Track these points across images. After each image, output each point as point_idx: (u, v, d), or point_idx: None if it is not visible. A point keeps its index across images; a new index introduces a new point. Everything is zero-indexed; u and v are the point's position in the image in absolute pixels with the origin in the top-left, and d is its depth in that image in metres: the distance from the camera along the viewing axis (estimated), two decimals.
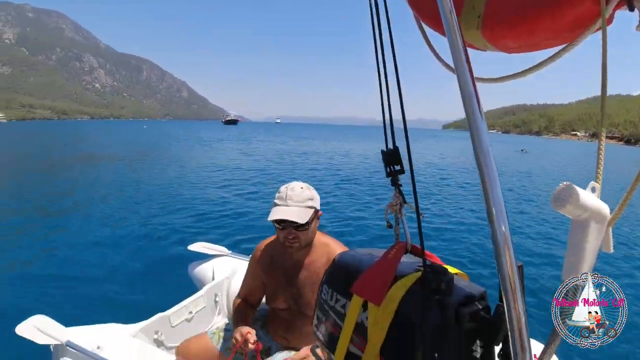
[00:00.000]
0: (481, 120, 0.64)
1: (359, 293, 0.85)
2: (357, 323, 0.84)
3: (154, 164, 20.48)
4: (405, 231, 0.92)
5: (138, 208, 9.91)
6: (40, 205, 10.06)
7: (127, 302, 4.72)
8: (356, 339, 0.83)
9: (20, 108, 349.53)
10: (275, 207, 1.96)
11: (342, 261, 1.01)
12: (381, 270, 0.85)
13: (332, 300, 0.94)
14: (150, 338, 2.71)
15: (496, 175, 0.63)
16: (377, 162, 24.05)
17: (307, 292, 2.09)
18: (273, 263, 2.19)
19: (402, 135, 0.85)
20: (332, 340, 0.91)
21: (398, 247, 0.90)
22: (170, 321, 2.85)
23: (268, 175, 16.49)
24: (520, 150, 45.53)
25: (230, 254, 3.77)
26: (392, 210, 0.95)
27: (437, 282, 0.76)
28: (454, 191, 14.24)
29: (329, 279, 1.00)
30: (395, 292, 0.78)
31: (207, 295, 3.22)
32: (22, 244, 6.93)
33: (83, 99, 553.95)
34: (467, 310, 0.74)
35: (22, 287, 5.12)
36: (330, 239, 2.17)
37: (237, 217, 9.24)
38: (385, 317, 0.77)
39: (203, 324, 3.16)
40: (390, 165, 0.93)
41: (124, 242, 7.08)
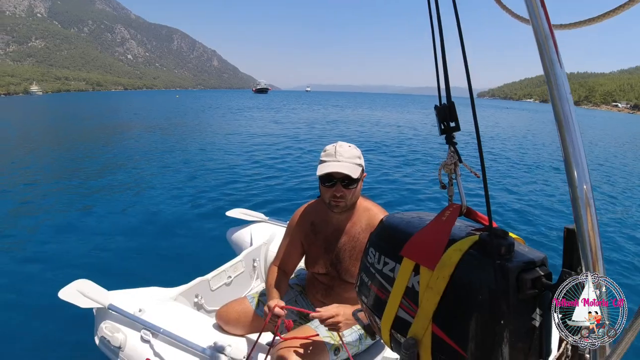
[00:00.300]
0: (560, 68, 0.59)
1: (411, 256, 0.82)
2: (407, 287, 0.81)
3: (188, 132, 20.72)
4: (460, 192, 0.86)
5: (176, 175, 10.08)
6: (81, 173, 10.29)
7: (167, 267, 4.80)
8: (406, 303, 0.81)
9: (55, 80, 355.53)
10: (324, 163, 1.91)
11: (389, 224, 0.97)
12: (434, 233, 0.82)
13: (379, 264, 0.91)
14: (191, 301, 2.75)
15: (576, 125, 0.58)
16: (409, 131, 23.81)
17: (346, 257, 2.05)
18: (313, 228, 2.15)
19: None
20: (379, 304, 0.89)
21: (452, 209, 0.85)
22: (210, 285, 2.89)
23: (299, 143, 16.47)
24: None
25: (267, 220, 3.79)
26: (447, 170, 0.88)
27: (497, 246, 0.73)
28: (505, 160, 13.97)
29: (375, 241, 0.97)
30: (450, 255, 0.75)
31: (246, 260, 3.26)
32: (64, 210, 7.14)
33: (116, 70, 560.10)
34: (529, 276, 0.70)
35: (64, 252, 5.26)
36: (372, 204, 2.11)
37: (271, 184, 9.28)
38: (440, 282, 0.74)
39: (241, 288, 3.22)
40: (444, 122, 0.87)
41: (162, 209, 7.21)
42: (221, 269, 3.03)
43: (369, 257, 0.97)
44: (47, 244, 5.52)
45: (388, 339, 0.88)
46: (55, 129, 24.15)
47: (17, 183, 9.32)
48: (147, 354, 2.14)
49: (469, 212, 0.88)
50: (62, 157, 12.88)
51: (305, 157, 13.05)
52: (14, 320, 3.71)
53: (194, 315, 2.40)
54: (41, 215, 6.85)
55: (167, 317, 2.29)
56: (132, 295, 2.51)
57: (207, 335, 2.16)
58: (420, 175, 10.72)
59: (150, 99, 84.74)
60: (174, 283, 2.78)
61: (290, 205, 7.41)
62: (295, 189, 8.82)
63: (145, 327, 2.19)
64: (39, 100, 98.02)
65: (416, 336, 0.77)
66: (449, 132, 0.87)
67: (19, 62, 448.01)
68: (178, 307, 2.47)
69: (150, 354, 2.13)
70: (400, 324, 0.83)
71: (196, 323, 2.30)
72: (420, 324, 0.76)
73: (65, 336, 3.42)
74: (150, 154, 13.42)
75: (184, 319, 2.31)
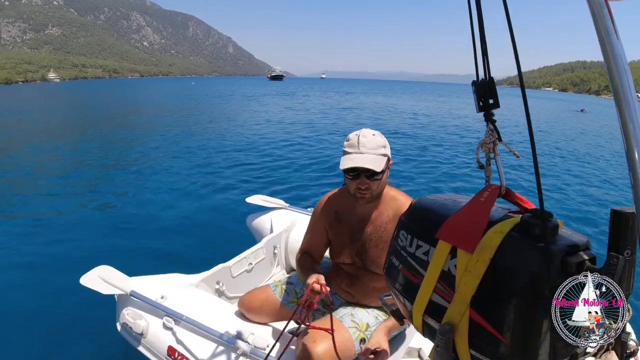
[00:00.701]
0: (616, 38, 0.56)
1: (447, 239, 0.79)
2: (443, 271, 0.78)
3: (205, 118, 20.92)
4: (499, 172, 0.82)
5: (194, 161, 10.22)
6: (100, 160, 10.40)
7: (187, 253, 4.84)
8: (441, 287, 0.78)
9: (72, 67, 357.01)
10: (347, 155, 1.84)
11: (422, 206, 0.94)
12: (472, 215, 0.78)
13: (411, 247, 0.88)
14: (212, 288, 2.75)
15: (636, 101, 0.55)
16: (423, 118, 23.63)
17: (372, 247, 2.00)
18: (338, 217, 2.10)
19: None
20: (411, 289, 0.86)
21: (491, 190, 0.81)
22: (231, 272, 2.89)
23: (316, 130, 16.49)
24: (579, 110, 42.95)
25: (288, 206, 3.77)
26: (485, 149, 0.84)
27: (541, 228, 0.70)
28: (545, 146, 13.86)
29: (407, 224, 0.94)
30: (491, 238, 0.72)
31: (267, 247, 3.25)
32: (84, 196, 7.22)
33: (132, 57, 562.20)
34: (574, 259, 0.67)
35: (85, 238, 5.30)
36: (399, 193, 2.05)
37: (288, 171, 9.31)
38: (480, 265, 0.71)
39: (261, 275, 3.22)
40: (482, 99, 0.84)
41: (180, 195, 7.28)
42: (242, 256, 3.02)
43: (399, 240, 0.94)
44: (67, 230, 5.58)
45: (420, 324, 0.85)
46: (75, 115, 24.62)
47: (39, 169, 9.50)
48: (169, 341, 2.15)
49: (507, 194, 0.83)
50: (82, 143, 13.02)
51: (324, 144, 13.08)
52: (35, 306, 3.75)
53: (216, 303, 2.40)
54: (60, 201, 6.93)
55: (190, 304, 2.29)
56: (153, 282, 2.52)
57: (229, 322, 2.16)
58: (442, 162, 10.67)
59: (166, 86, 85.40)
60: (194, 269, 2.78)
61: (309, 193, 7.48)
62: (314, 177, 8.84)
63: (167, 314, 2.19)
64: (57, 87, 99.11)
65: (452, 321, 0.75)
66: (488, 109, 0.84)
67: (36, 49, 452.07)
68: (200, 294, 2.46)
69: (172, 341, 2.14)
70: (434, 308, 0.80)
71: (218, 310, 2.30)
72: (457, 309, 0.74)
73: (86, 322, 3.44)
74: (169, 140, 13.54)
75: (207, 306, 2.31)
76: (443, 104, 38.97)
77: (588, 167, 11.14)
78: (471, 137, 15.64)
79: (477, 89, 0.84)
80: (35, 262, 4.64)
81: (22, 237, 5.36)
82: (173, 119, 20.52)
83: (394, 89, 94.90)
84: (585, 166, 11.15)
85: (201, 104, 32.58)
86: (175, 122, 18.98)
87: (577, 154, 13.01)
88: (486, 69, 0.83)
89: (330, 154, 11.44)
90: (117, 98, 42.40)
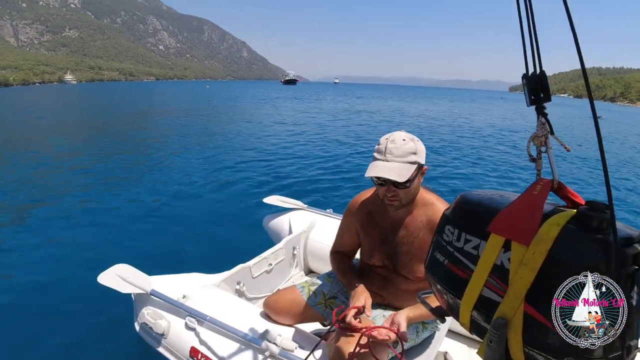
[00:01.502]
0: None
1: (501, 232, 0.78)
2: (495, 265, 0.77)
3: (221, 121, 21.14)
4: (551, 166, 0.81)
5: (211, 162, 10.25)
6: (117, 160, 10.45)
7: (204, 253, 4.84)
8: (493, 282, 0.78)
9: (89, 70, 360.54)
10: (374, 162, 1.75)
11: (469, 200, 0.93)
12: (526, 208, 0.78)
13: (459, 242, 0.88)
14: (232, 288, 2.72)
15: None
16: (433, 122, 23.53)
17: (404, 252, 1.93)
18: (370, 219, 2.03)
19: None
20: (458, 284, 0.85)
21: (543, 183, 0.81)
22: (251, 272, 2.86)
23: (331, 133, 16.48)
24: (597, 117, 42.44)
25: (306, 207, 3.73)
26: (537, 142, 0.84)
27: (598, 220, 0.69)
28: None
29: (453, 219, 0.93)
30: (547, 230, 0.71)
31: (286, 248, 3.23)
32: (101, 194, 7.27)
33: (148, 61, 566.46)
34: (631, 251, 0.67)
35: (102, 236, 5.32)
36: (435, 198, 1.95)
37: (304, 172, 9.33)
38: (536, 258, 0.70)
39: (281, 276, 3.20)
40: (534, 92, 0.83)
41: (196, 194, 7.33)
42: (262, 256, 3.00)
43: (445, 235, 0.93)
44: (84, 228, 5.62)
45: (468, 320, 0.85)
46: (95, 115, 25.07)
47: (57, 168, 9.60)
48: (192, 342, 2.11)
49: (559, 188, 0.82)
50: (100, 142, 13.23)
51: (343, 147, 13.10)
52: (51, 304, 3.75)
53: (239, 303, 2.35)
54: (77, 199, 6.98)
55: (212, 304, 2.24)
56: (173, 281, 2.48)
57: (255, 324, 2.10)
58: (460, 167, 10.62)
59: (182, 89, 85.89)
60: (212, 269, 2.75)
61: (327, 195, 7.49)
62: (330, 179, 8.83)
63: (190, 314, 2.15)
64: (74, 89, 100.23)
65: (505, 316, 0.74)
66: (540, 103, 0.83)
67: (53, 51, 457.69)
68: (222, 294, 2.41)
69: (195, 341, 2.10)
70: (484, 303, 0.79)
71: (242, 311, 2.25)
72: (511, 303, 0.73)
73: (103, 322, 3.41)
74: (185, 141, 13.66)
75: (230, 307, 2.25)
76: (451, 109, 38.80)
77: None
78: (480, 139, 15.56)
79: (528, 82, 0.84)
80: (51, 259, 4.66)
81: (39, 235, 5.39)
82: (190, 120, 20.82)
83: (407, 93, 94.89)
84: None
85: (217, 106, 32.97)
86: (193, 124, 19.21)
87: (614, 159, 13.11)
88: (537, 62, 0.82)
89: (347, 156, 11.51)
90: (135, 100, 43.01)
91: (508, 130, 21.32)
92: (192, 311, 2.15)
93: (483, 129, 21.05)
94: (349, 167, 10.04)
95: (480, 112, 36.18)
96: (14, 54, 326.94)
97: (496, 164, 11.33)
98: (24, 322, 3.48)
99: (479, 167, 10.81)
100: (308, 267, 3.47)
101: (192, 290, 2.35)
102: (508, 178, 9.73)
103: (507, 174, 10.17)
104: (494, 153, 13.28)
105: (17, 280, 4.22)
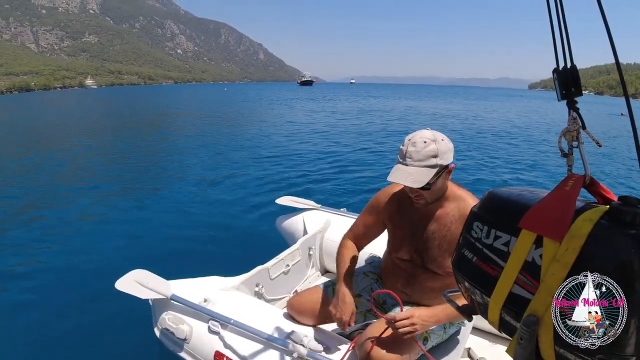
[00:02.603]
0: None
1: (532, 228, 0.76)
2: (526, 261, 0.76)
3: (234, 123, 21.35)
4: (583, 161, 0.80)
5: (222, 164, 10.28)
6: (132, 164, 10.50)
7: (219, 255, 4.81)
8: (523, 278, 0.76)
9: (109, 74, 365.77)
10: (395, 166, 1.73)
11: (499, 196, 0.91)
12: (558, 204, 0.76)
13: (488, 238, 0.86)
14: (251, 291, 2.69)
15: None
16: (442, 119, 23.32)
17: (434, 246, 1.90)
18: (400, 212, 2.00)
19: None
20: (487, 281, 0.84)
21: (575, 179, 0.79)
22: (269, 274, 2.84)
23: (341, 132, 16.47)
24: (619, 114, 41.72)
25: (320, 207, 3.70)
26: (568, 137, 0.83)
27: (632, 215, 0.67)
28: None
29: (482, 215, 0.92)
30: (580, 226, 0.69)
31: (302, 249, 3.20)
32: (114, 199, 7.29)
33: (167, 65, 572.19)
34: None
35: (116, 242, 5.26)
36: (466, 193, 1.92)
37: (316, 172, 9.34)
38: (569, 254, 0.68)
39: (297, 277, 3.18)
40: (565, 87, 0.82)
41: (204, 197, 7.30)
42: (280, 257, 2.97)
43: (473, 232, 0.92)
44: (99, 234, 5.56)
45: (497, 318, 0.83)
46: (113, 118, 25.44)
47: (71, 171, 9.79)
48: (216, 346, 2.08)
49: (591, 183, 0.80)
50: (114, 147, 13.34)
51: (356, 147, 13.02)
52: (68, 309, 3.69)
53: (260, 305, 2.33)
54: (91, 203, 7.01)
55: (234, 307, 2.23)
56: (193, 285, 2.45)
57: (279, 325, 2.09)
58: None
59: (200, 92, 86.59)
60: (228, 271, 2.72)
61: (338, 194, 7.52)
62: (341, 178, 8.83)
63: (213, 318, 2.13)
64: (95, 93, 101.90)
65: (536, 313, 0.72)
66: (571, 97, 0.83)
67: (73, 56, 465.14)
68: (243, 296, 2.40)
69: (220, 345, 2.07)
70: (514, 300, 0.77)
71: (264, 313, 2.23)
72: (542, 300, 0.71)
73: (121, 328, 3.35)
74: (199, 143, 13.70)
75: (252, 309, 2.24)
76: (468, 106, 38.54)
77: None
78: (496, 136, 15.38)
79: (559, 76, 0.84)
80: (67, 265, 4.61)
81: (49, 240, 5.38)
82: (205, 123, 21.01)
83: (422, 92, 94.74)
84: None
85: (235, 108, 33.26)
86: (208, 126, 19.38)
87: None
88: (568, 56, 0.82)
89: (359, 155, 11.54)
90: (151, 103, 43.50)
91: (529, 127, 21.10)
92: (215, 315, 2.14)
93: (499, 126, 20.81)
94: (361, 167, 10.04)
95: (499, 109, 35.84)
96: (35, 60, 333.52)
97: (520, 162, 11.20)
98: (39, 329, 3.43)
99: (500, 166, 10.71)
100: (324, 267, 3.45)
101: (213, 294, 2.33)
102: (530, 177, 9.62)
103: (531, 172, 10.06)
104: (519, 151, 13.21)
105: (30, 285, 4.18)
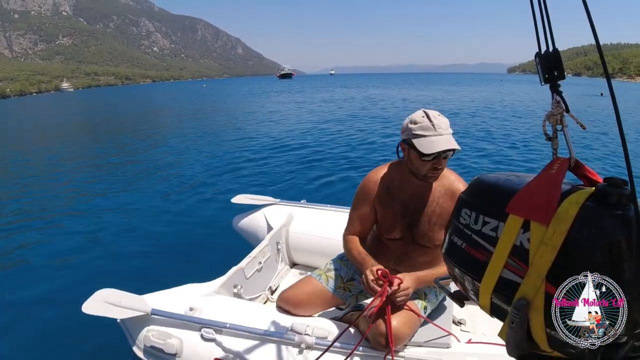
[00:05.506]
0: None
1: (519, 212, 0.77)
2: (514, 246, 0.77)
3: (209, 119, 21.16)
4: (568, 144, 0.81)
5: (177, 168, 9.63)
6: (85, 175, 9.72)
7: (180, 264, 4.53)
8: (512, 263, 0.77)
9: (85, 76, 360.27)
10: (426, 139, 1.78)
11: (486, 182, 0.93)
12: (544, 188, 0.77)
13: (476, 224, 0.87)
14: (230, 292, 2.62)
15: None
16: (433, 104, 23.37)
17: (424, 222, 2.02)
18: (389, 194, 2.07)
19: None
20: (477, 267, 0.85)
21: (560, 162, 0.80)
22: (244, 273, 2.78)
23: (301, 124, 16.49)
24: (599, 94, 42.24)
25: (279, 201, 3.66)
26: (552, 121, 0.85)
27: (617, 196, 0.68)
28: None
29: (470, 201, 0.93)
30: (567, 209, 0.70)
31: (271, 244, 3.18)
32: (57, 216, 6.58)
33: (144, 63, 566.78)
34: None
35: (72, 263, 4.78)
36: (448, 170, 2.03)
37: (271, 167, 9.24)
38: (557, 236, 0.69)
39: (270, 273, 3.16)
40: (548, 70, 0.84)
41: (164, 207, 6.75)
42: (252, 256, 2.91)
43: (462, 218, 0.93)
44: (49, 259, 4.97)
45: (488, 302, 0.84)
46: (85, 121, 24.88)
47: (28, 183, 9.05)
48: (214, 353, 2.01)
49: (577, 166, 0.81)
50: (67, 156, 12.45)
51: (316, 136, 13.13)
52: (30, 347, 3.26)
53: (250, 305, 2.33)
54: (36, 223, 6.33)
55: (224, 311, 2.16)
56: (171, 296, 2.32)
57: (276, 321, 2.08)
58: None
59: (178, 90, 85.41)
60: (200, 278, 2.58)
61: (294, 186, 7.47)
62: (296, 170, 8.81)
63: (205, 325, 2.05)
64: (72, 97, 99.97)
65: (527, 297, 0.73)
66: (554, 81, 0.85)
67: (48, 60, 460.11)
68: (229, 299, 2.36)
69: (218, 352, 2.01)
70: (504, 285, 0.79)
71: (257, 312, 2.21)
72: (532, 283, 0.72)
73: (92, 356, 3.04)
74: (148, 146, 13.26)
75: (243, 310, 2.19)
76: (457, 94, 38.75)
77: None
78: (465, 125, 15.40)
79: (542, 60, 0.85)
80: (16, 299, 4.03)
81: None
82: (162, 127, 20.19)
83: (403, 80, 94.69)
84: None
85: (210, 105, 32.95)
86: (171, 129, 18.88)
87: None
88: (550, 40, 0.84)
89: (313, 146, 11.55)
90: (134, 104, 43.02)
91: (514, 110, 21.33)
92: (208, 322, 2.06)
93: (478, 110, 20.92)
94: (319, 156, 10.07)
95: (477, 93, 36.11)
96: (9, 66, 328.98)
97: (507, 145, 11.30)
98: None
99: (490, 149, 10.75)
100: (292, 260, 3.47)
101: (197, 302, 2.22)
102: (515, 161, 9.65)
103: (517, 156, 10.09)
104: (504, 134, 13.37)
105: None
